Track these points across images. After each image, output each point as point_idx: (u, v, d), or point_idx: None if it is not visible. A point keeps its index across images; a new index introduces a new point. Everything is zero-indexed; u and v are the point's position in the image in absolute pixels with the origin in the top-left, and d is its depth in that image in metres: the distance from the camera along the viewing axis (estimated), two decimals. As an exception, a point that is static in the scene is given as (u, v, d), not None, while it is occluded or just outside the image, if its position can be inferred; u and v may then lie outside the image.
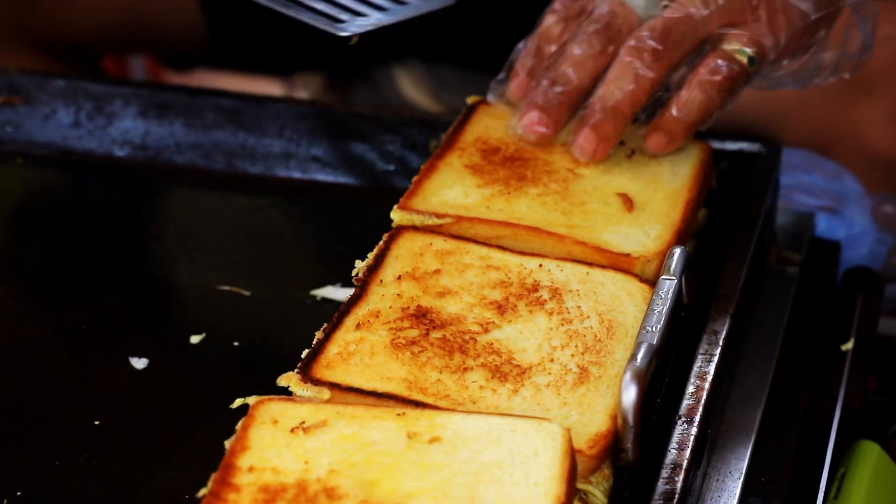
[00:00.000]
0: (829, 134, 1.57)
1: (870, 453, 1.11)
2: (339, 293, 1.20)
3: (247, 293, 1.21)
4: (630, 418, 0.92)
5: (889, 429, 1.21)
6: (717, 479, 1.02)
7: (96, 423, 1.08)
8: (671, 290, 1.00)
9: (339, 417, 0.92)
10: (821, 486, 1.07)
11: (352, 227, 1.30)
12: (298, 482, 0.88)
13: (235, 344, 1.16)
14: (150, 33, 1.79)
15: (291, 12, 1.20)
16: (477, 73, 1.93)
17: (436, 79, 1.97)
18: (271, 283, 1.23)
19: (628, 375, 0.92)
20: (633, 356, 0.94)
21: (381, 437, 0.91)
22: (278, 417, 0.93)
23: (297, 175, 1.36)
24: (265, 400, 0.94)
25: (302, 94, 2.06)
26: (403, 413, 0.93)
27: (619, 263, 1.06)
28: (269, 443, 0.91)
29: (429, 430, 0.91)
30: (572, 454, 0.90)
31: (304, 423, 0.92)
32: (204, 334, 1.17)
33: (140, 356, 1.14)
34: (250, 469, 0.89)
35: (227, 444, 0.92)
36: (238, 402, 0.97)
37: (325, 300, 1.20)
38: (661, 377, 1.00)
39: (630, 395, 0.92)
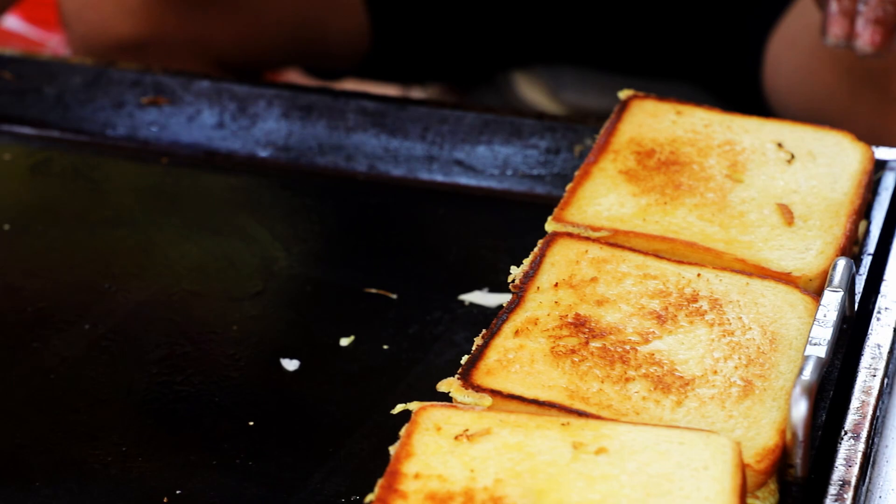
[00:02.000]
0: None
1: None
2: (487, 298, 1.20)
3: (394, 296, 1.21)
4: (800, 433, 0.91)
5: None
6: (881, 497, 1.00)
7: (251, 423, 1.09)
8: (837, 302, 0.98)
9: (503, 426, 0.92)
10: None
11: (496, 231, 1.30)
12: (465, 490, 0.88)
13: (385, 347, 1.16)
14: (318, 49, 1.81)
15: None
16: (595, 72, 1.92)
17: (554, 79, 1.95)
18: (418, 286, 1.23)
19: (798, 390, 0.91)
20: (802, 370, 0.92)
21: (545, 446, 0.90)
22: (442, 424, 0.93)
23: (439, 178, 1.36)
24: (428, 406, 0.94)
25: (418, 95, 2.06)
26: (568, 423, 0.92)
27: (780, 279, 1.04)
28: (434, 450, 0.91)
29: (594, 441, 0.90)
30: (743, 469, 0.88)
31: (467, 430, 0.92)
32: (353, 337, 1.17)
33: (291, 357, 1.15)
34: (416, 476, 0.89)
35: (392, 449, 0.92)
36: (399, 407, 0.97)
37: (472, 305, 1.20)
38: (824, 391, 0.99)
39: (800, 409, 0.90)
